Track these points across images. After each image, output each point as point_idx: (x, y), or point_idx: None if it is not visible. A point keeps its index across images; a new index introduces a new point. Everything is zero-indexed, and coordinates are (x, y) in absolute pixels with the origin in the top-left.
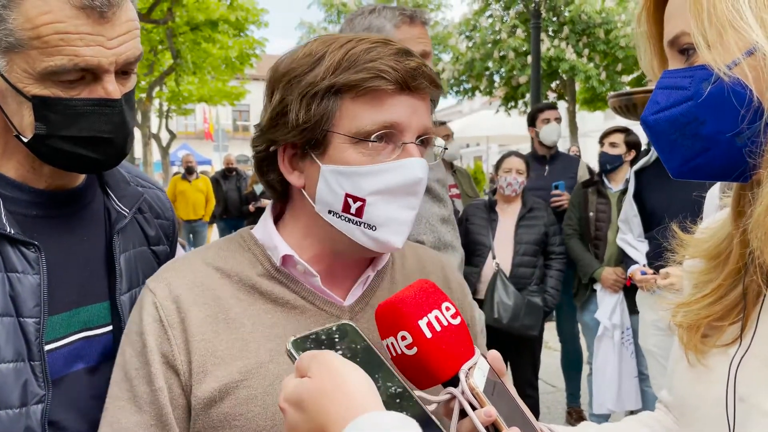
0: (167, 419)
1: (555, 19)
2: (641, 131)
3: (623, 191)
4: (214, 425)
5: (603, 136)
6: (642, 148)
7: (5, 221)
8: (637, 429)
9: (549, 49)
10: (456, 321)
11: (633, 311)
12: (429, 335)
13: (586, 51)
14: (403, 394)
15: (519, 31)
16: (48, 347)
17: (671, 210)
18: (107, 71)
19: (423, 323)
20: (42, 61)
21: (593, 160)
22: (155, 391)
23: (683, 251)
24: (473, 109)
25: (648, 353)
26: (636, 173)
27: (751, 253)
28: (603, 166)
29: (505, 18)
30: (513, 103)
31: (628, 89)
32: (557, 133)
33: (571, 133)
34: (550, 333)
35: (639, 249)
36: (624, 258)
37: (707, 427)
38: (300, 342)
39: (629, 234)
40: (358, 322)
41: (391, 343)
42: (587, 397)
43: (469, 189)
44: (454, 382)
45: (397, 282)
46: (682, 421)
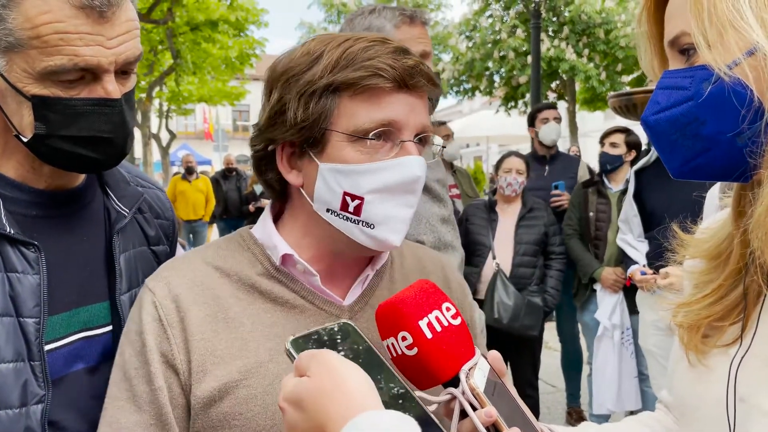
0: (167, 419)
1: (555, 19)
2: (641, 131)
3: (623, 191)
4: (213, 425)
5: (603, 136)
6: (642, 148)
7: (5, 221)
8: (638, 429)
9: (549, 49)
10: (456, 321)
11: (633, 311)
12: (429, 336)
13: (586, 51)
14: (405, 394)
15: (519, 31)
16: (48, 347)
17: (671, 210)
18: (107, 71)
19: (423, 324)
20: (42, 61)
21: (593, 160)
22: (155, 391)
23: (683, 251)
24: (473, 109)
25: (648, 353)
26: (636, 173)
27: (752, 254)
28: (603, 166)
29: (505, 18)
30: (513, 103)
31: (628, 89)
32: (556, 133)
33: (571, 133)
34: (550, 333)
35: (639, 249)
36: (624, 258)
37: (707, 428)
38: (301, 341)
39: (629, 234)
40: (357, 321)
41: (392, 344)
42: (587, 398)
43: (469, 189)
44: (454, 382)
45: (397, 281)
46: (682, 422)
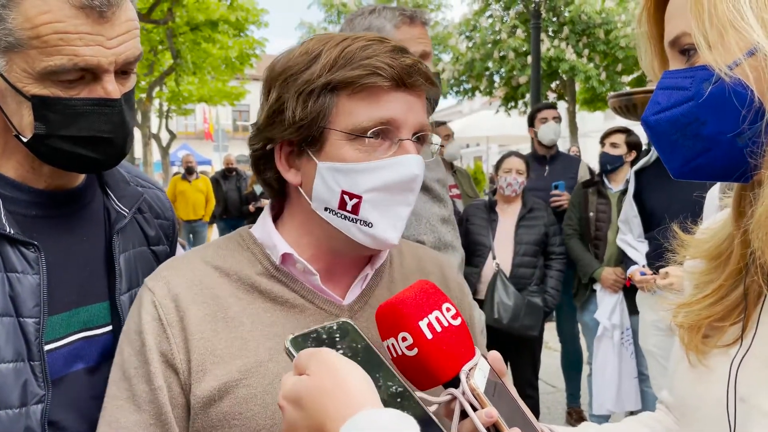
0: (166, 418)
1: (555, 20)
2: (642, 131)
3: (623, 191)
4: (213, 424)
5: (604, 136)
6: (642, 148)
7: (5, 221)
8: (638, 429)
9: (549, 50)
10: (456, 322)
11: (633, 311)
12: (429, 336)
13: (586, 51)
14: (404, 394)
15: (519, 32)
16: (48, 347)
17: (671, 210)
18: (107, 71)
19: (423, 324)
20: (41, 61)
21: (593, 160)
22: (154, 390)
23: (684, 251)
24: (473, 110)
25: (648, 354)
26: (636, 173)
27: (752, 254)
28: (604, 166)
29: (505, 18)
30: (513, 104)
31: (628, 89)
32: (554, 132)
33: (571, 134)
34: (550, 333)
35: (639, 249)
36: (624, 258)
37: (708, 428)
38: (300, 340)
39: (629, 234)
40: (357, 320)
41: (392, 344)
42: (587, 398)
43: (469, 189)
44: (454, 383)
45: (396, 281)
46: (682, 422)
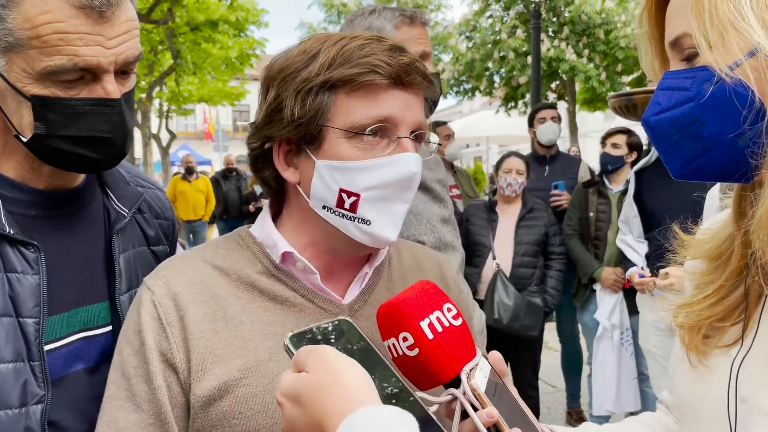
0: (166, 418)
1: (555, 20)
2: (642, 132)
3: (624, 192)
4: (213, 423)
5: (605, 137)
6: (643, 150)
7: (4, 221)
8: (638, 429)
9: (549, 50)
10: (457, 322)
11: (633, 312)
12: (430, 336)
13: (586, 51)
14: (400, 394)
15: (519, 32)
16: (47, 347)
17: (672, 210)
18: (106, 71)
19: (424, 324)
20: (41, 61)
21: (593, 160)
22: (154, 390)
23: (684, 252)
24: (473, 110)
25: (648, 354)
26: (636, 174)
27: (753, 254)
28: (604, 166)
29: (505, 18)
30: (513, 104)
31: (628, 90)
32: (553, 132)
33: (571, 134)
34: (550, 333)
35: (638, 250)
36: (623, 259)
37: (708, 428)
38: (299, 338)
39: (629, 235)
40: (357, 320)
41: (393, 344)
42: (587, 398)
43: (470, 189)
44: (455, 383)
45: (395, 280)
46: (683, 422)
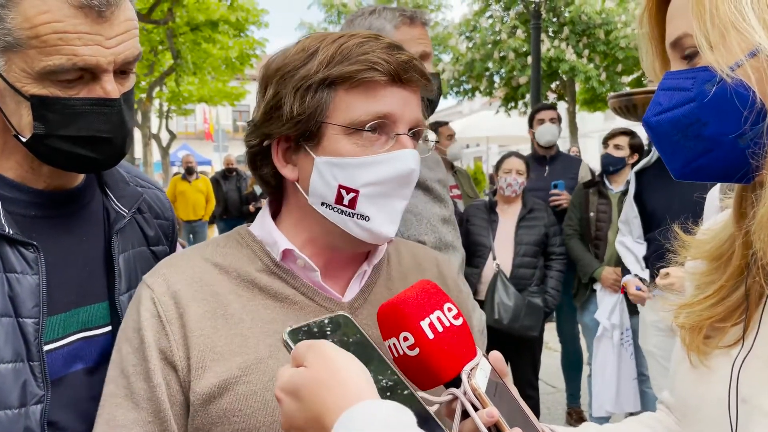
0: (165, 416)
1: (555, 20)
2: (643, 132)
3: (624, 192)
4: (212, 421)
5: (608, 137)
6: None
7: (4, 222)
8: (639, 429)
9: (549, 50)
10: (458, 322)
11: (633, 312)
12: (431, 336)
13: (586, 52)
14: (395, 387)
15: (519, 32)
16: (47, 347)
17: (672, 211)
18: (106, 71)
19: (425, 324)
20: (40, 61)
21: (593, 160)
22: (153, 388)
23: (685, 252)
24: (473, 110)
25: (648, 354)
26: (636, 174)
27: (754, 255)
28: (606, 167)
29: (505, 19)
30: (513, 104)
31: (628, 90)
32: (551, 134)
33: (571, 134)
34: (550, 333)
35: (636, 253)
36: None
37: (709, 428)
38: (296, 333)
39: (627, 237)
40: (357, 318)
41: (393, 344)
42: (587, 398)
43: (470, 190)
44: (456, 382)
45: (394, 279)
46: (683, 422)
